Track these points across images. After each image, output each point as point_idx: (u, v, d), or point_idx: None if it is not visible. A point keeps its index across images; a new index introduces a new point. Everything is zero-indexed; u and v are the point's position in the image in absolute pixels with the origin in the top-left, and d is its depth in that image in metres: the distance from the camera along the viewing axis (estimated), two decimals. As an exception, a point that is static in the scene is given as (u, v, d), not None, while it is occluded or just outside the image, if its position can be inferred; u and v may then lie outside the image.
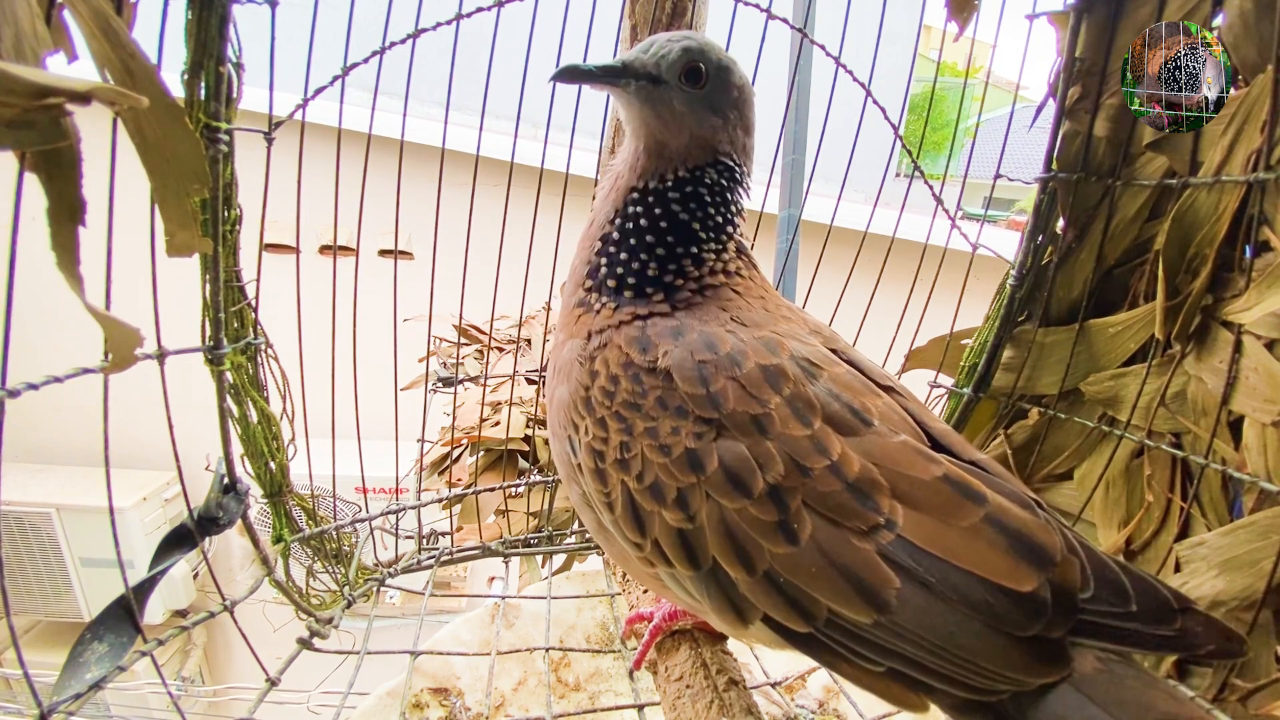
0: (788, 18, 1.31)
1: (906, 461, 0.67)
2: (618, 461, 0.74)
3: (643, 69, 0.78)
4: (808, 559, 0.64)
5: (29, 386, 0.67)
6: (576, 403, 0.78)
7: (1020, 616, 0.59)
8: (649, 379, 0.74)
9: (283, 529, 1.29)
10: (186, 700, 3.68)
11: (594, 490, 0.77)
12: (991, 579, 0.60)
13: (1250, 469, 0.90)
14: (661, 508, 0.71)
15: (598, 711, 1.27)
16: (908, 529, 0.63)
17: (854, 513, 0.64)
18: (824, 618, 0.64)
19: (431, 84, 1.22)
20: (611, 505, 0.76)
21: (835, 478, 0.65)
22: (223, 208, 0.96)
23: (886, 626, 0.61)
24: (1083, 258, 1.13)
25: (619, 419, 0.74)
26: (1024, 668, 0.59)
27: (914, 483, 0.65)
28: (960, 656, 0.59)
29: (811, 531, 0.65)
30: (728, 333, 0.76)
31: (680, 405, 0.71)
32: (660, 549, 0.72)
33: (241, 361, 1.09)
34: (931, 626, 0.60)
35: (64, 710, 0.81)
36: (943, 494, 0.65)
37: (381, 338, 1.37)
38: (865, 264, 1.41)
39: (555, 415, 0.82)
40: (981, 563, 0.61)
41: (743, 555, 0.67)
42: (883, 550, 0.63)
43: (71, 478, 3.55)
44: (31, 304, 1.52)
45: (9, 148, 0.54)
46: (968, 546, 0.62)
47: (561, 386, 0.81)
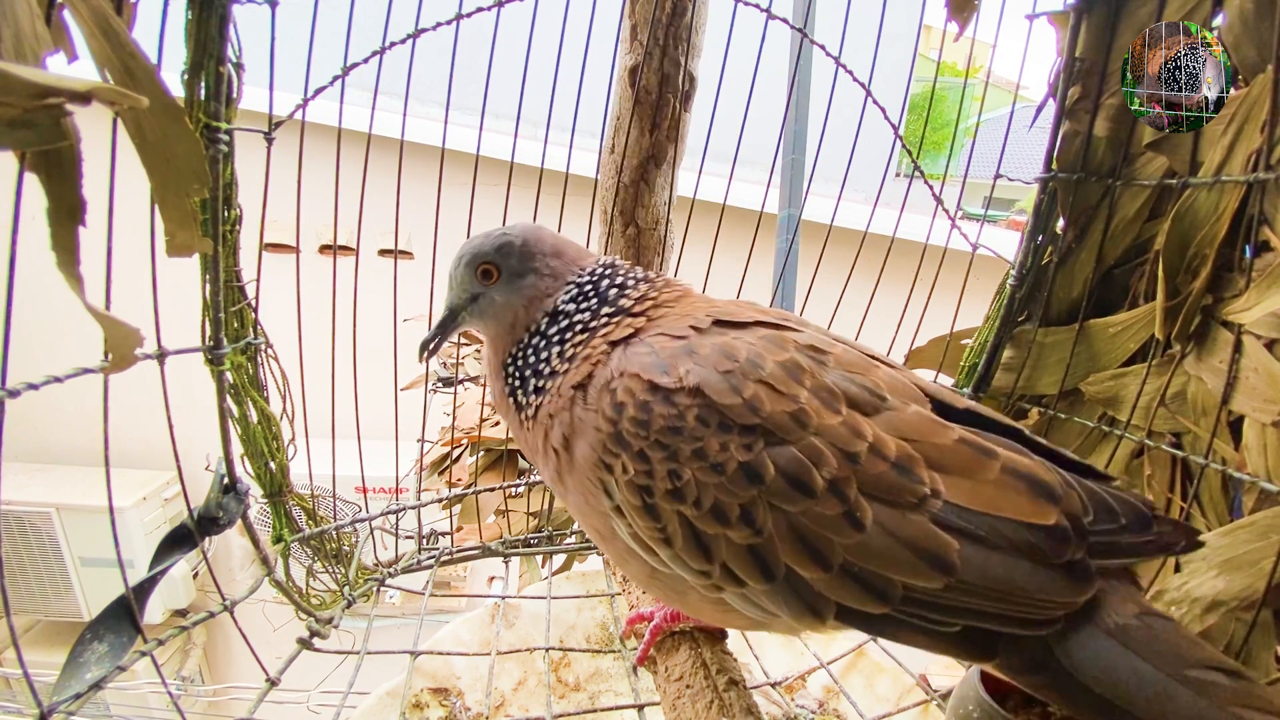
0: (788, 18, 1.31)
1: (927, 430, 0.71)
2: (670, 492, 0.71)
3: (459, 298, 0.89)
4: (876, 542, 0.66)
5: (29, 386, 0.67)
6: (605, 442, 0.74)
7: (1055, 546, 0.66)
8: (682, 398, 0.71)
9: (283, 529, 1.29)
10: (186, 700, 3.67)
11: (644, 528, 0.74)
12: (1025, 520, 0.67)
13: (1250, 469, 0.90)
14: (726, 529, 0.69)
15: (598, 711, 1.27)
16: (950, 493, 0.68)
17: (904, 489, 0.67)
18: (899, 595, 0.66)
19: (431, 84, 1.22)
20: (670, 540, 0.73)
21: (880, 459, 0.68)
22: (223, 208, 0.96)
23: (955, 587, 0.65)
24: (1083, 258, 1.13)
25: (660, 447, 0.71)
26: (1068, 590, 0.65)
27: (939, 449, 0.69)
28: (1019, 596, 0.65)
29: (874, 515, 0.67)
30: (733, 338, 0.75)
31: (722, 420, 0.69)
32: (729, 571, 0.71)
33: (241, 361, 1.09)
34: (992, 575, 0.65)
35: (64, 710, 0.81)
36: (964, 455, 0.69)
37: (381, 338, 1.37)
38: (865, 264, 1.41)
39: (581, 474, 0.78)
40: (1014, 508, 0.67)
41: (816, 555, 0.67)
42: (936, 518, 0.67)
43: (71, 477, 3.55)
44: (31, 304, 1.52)
45: (9, 148, 0.54)
46: (999, 497, 0.68)
47: (579, 443, 0.77)
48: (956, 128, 3.65)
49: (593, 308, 0.83)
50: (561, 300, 0.85)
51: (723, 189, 1.39)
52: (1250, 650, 0.86)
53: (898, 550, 0.66)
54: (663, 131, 1.39)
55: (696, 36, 1.36)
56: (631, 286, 0.85)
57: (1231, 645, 0.87)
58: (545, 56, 1.23)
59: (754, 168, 1.96)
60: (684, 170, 1.49)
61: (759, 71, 1.29)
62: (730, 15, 1.24)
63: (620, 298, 0.84)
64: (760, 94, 1.32)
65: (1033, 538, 0.66)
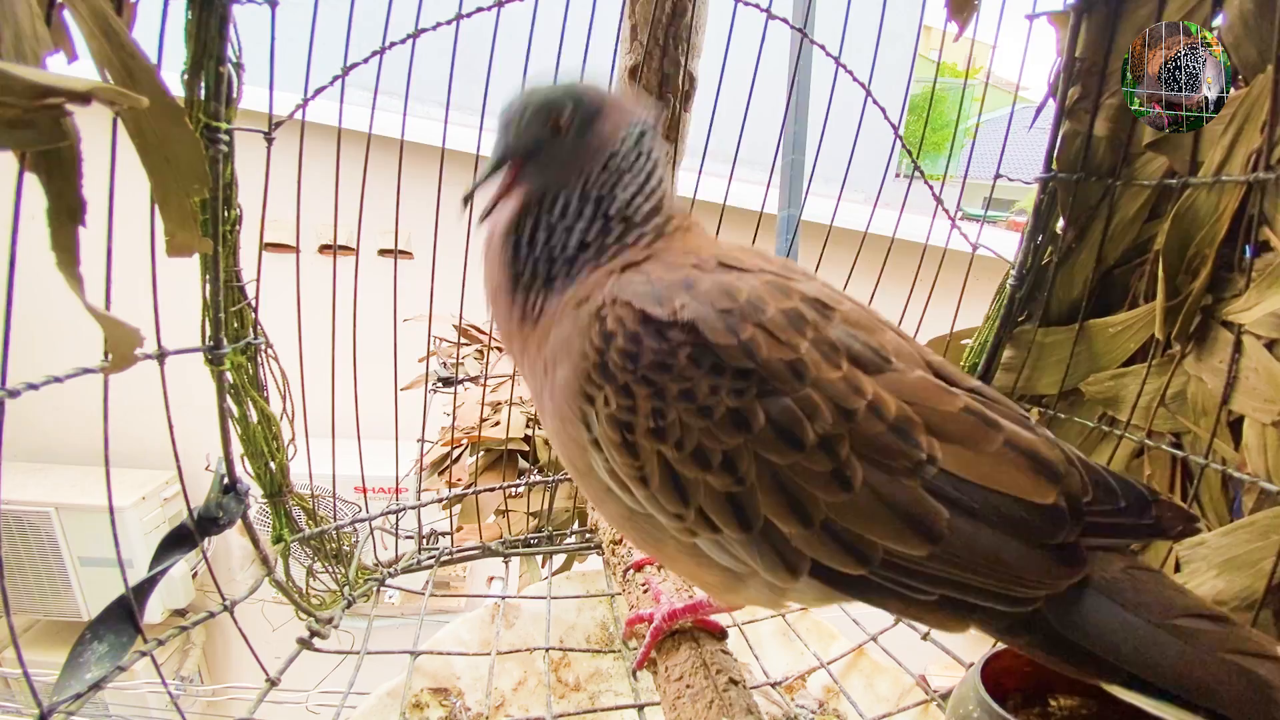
0: (788, 18, 1.31)
1: (931, 396, 0.68)
2: (651, 431, 0.67)
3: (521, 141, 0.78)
4: (863, 503, 0.65)
5: (29, 386, 0.67)
6: (589, 372, 0.70)
7: (1048, 527, 0.65)
8: (675, 334, 0.67)
9: (282, 529, 1.29)
10: (186, 700, 3.67)
11: (622, 465, 0.71)
12: (1021, 497, 0.65)
13: (1250, 469, 0.90)
14: (706, 474, 0.67)
15: (598, 711, 1.27)
16: (946, 461, 0.66)
17: (898, 452, 0.65)
18: (879, 559, 0.65)
19: (431, 84, 1.22)
20: (646, 479, 0.69)
21: (877, 419, 0.65)
22: (223, 208, 0.96)
23: (939, 556, 0.64)
24: (1083, 258, 1.13)
25: (646, 383, 0.67)
26: (1054, 573, 0.64)
27: (942, 416, 0.67)
28: (1004, 573, 0.64)
29: (863, 476, 0.65)
30: (735, 278, 0.71)
31: (715, 361, 0.66)
32: (705, 516, 0.69)
33: (241, 361, 1.09)
34: (979, 549, 0.64)
35: (64, 710, 0.81)
36: (967, 424, 0.67)
37: (381, 338, 1.37)
38: (865, 264, 1.41)
39: (561, 399, 0.74)
40: (1012, 484, 0.66)
41: (798, 509, 0.65)
42: (928, 485, 0.65)
43: (71, 477, 3.55)
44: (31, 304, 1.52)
45: (9, 148, 0.54)
46: (998, 471, 0.66)
47: (562, 366, 0.73)
48: (956, 128, 3.65)
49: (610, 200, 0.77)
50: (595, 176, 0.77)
51: (723, 189, 1.39)
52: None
53: (884, 514, 0.64)
54: (663, 131, 1.39)
55: (696, 36, 1.36)
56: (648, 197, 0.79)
57: (1231, 645, 0.87)
58: (545, 56, 1.23)
59: (754, 168, 1.96)
60: (684, 170, 1.49)
61: (759, 71, 1.29)
62: (730, 15, 1.24)
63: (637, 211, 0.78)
64: (760, 94, 1.32)
65: (1027, 516, 0.65)
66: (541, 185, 0.78)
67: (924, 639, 1.24)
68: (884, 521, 0.64)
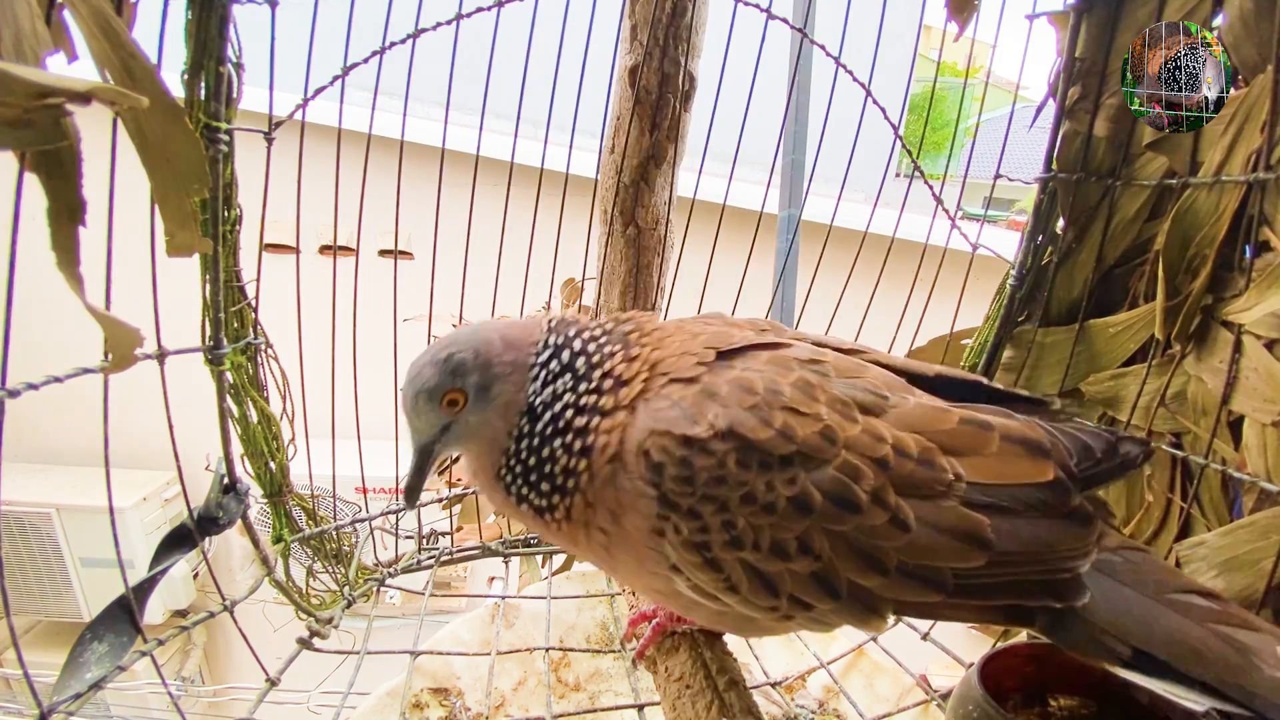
0: (788, 18, 1.31)
1: (932, 419, 0.74)
2: (727, 543, 0.71)
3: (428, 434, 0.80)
4: (922, 538, 0.69)
5: (29, 386, 0.67)
6: (654, 509, 0.72)
7: (1060, 498, 0.71)
8: (718, 445, 0.70)
9: (283, 529, 1.29)
10: (186, 700, 3.67)
11: (707, 581, 0.74)
12: (1032, 481, 0.71)
13: (1250, 469, 0.90)
14: (788, 563, 0.71)
15: (598, 711, 1.27)
16: (967, 474, 0.71)
17: (932, 481, 0.70)
18: (952, 582, 0.69)
19: (431, 84, 1.22)
20: (735, 587, 0.73)
21: (905, 458, 0.70)
22: (223, 208, 0.96)
23: (994, 561, 0.69)
24: (1083, 258, 1.13)
25: (709, 500, 0.70)
26: (1080, 536, 0.71)
27: (948, 434, 0.73)
28: (1047, 553, 0.70)
29: (914, 513, 0.69)
30: (741, 370, 0.75)
31: (762, 458, 0.69)
32: (797, 600, 0.72)
33: (241, 361, 1.09)
34: (1023, 539, 0.70)
35: (64, 710, 0.81)
36: (968, 434, 0.73)
37: (381, 338, 1.37)
38: (865, 264, 1.41)
39: (637, 546, 0.76)
40: (1020, 473, 0.72)
41: (874, 564, 0.69)
42: (964, 500, 0.70)
43: (71, 478, 3.54)
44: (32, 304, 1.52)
45: (9, 148, 0.54)
46: (1005, 466, 0.72)
47: (626, 519, 0.75)
48: (956, 128, 3.64)
49: (570, 385, 0.77)
50: (531, 394, 0.78)
51: (723, 189, 1.39)
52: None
53: (942, 540, 0.69)
54: (663, 131, 1.39)
55: (696, 36, 1.36)
56: (594, 339, 0.80)
57: (1231, 645, 0.87)
58: (545, 56, 1.23)
59: (754, 168, 1.96)
60: (684, 170, 1.49)
61: (759, 71, 1.29)
62: (730, 15, 1.24)
63: (597, 356, 0.79)
64: (760, 94, 1.32)
65: (1041, 495, 0.71)
66: (483, 441, 0.80)
67: (924, 639, 1.24)
68: (944, 546, 0.69)
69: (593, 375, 0.77)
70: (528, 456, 0.78)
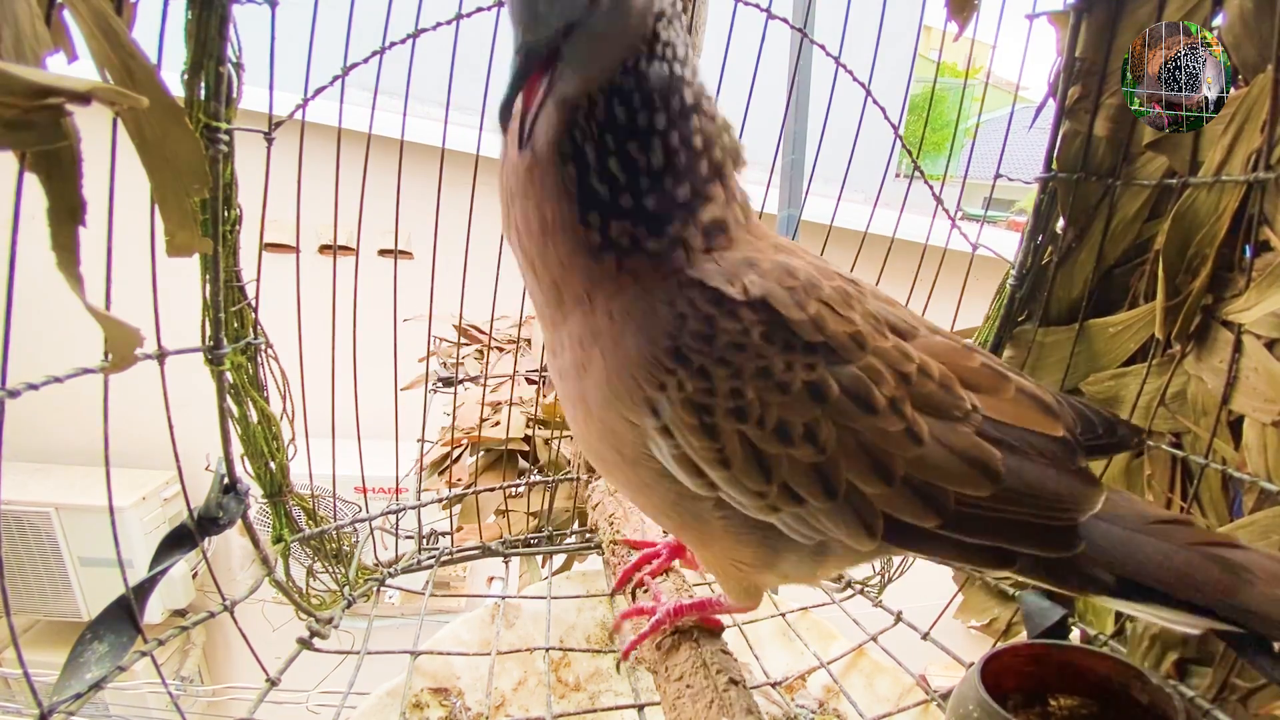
0: (788, 18, 1.31)
1: (957, 354, 0.76)
2: (731, 411, 0.67)
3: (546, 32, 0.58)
4: (934, 454, 0.69)
5: (29, 386, 0.67)
6: (660, 357, 0.67)
7: (1069, 454, 0.74)
8: (747, 313, 0.66)
9: (283, 529, 1.29)
10: (186, 700, 3.67)
11: (699, 449, 0.69)
12: (1045, 432, 0.74)
13: (1250, 469, 0.90)
14: (789, 448, 0.68)
15: (598, 711, 1.27)
16: (986, 409, 0.73)
17: (951, 405, 0.71)
18: (953, 508, 0.69)
19: (432, 84, 1.22)
20: (728, 460, 0.69)
21: (927, 378, 0.71)
22: (223, 208, 0.96)
23: (999, 495, 0.70)
24: (1083, 257, 1.13)
25: (723, 364, 0.66)
26: (1086, 494, 0.72)
27: (969, 370, 0.75)
28: (1051, 500, 0.71)
29: (930, 430, 0.70)
30: (786, 259, 0.72)
31: (788, 337, 0.67)
32: (789, 490, 0.70)
33: (241, 361, 1.09)
34: (1029, 481, 0.71)
35: (64, 710, 0.81)
36: (987, 376, 0.75)
37: (381, 338, 1.37)
38: (865, 264, 1.41)
39: (618, 383, 0.69)
40: (1035, 422, 0.74)
41: (881, 470, 0.69)
42: (979, 430, 0.71)
43: (71, 477, 3.55)
44: (32, 304, 1.52)
45: (9, 148, 0.54)
46: (1021, 413, 0.74)
47: (623, 345, 0.67)
48: (956, 128, 3.65)
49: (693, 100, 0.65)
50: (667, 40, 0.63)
51: (723, 189, 1.38)
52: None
53: (953, 461, 0.69)
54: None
55: (696, 36, 1.36)
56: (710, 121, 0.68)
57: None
58: (545, 56, 1.23)
59: (753, 167, 1.95)
60: (684, 170, 1.49)
61: (759, 71, 1.29)
62: (730, 15, 1.24)
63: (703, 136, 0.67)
64: (760, 94, 1.32)
65: (1054, 447, 0.73)
66: (583, 85, 0.62)
67: (924, 639, 1.24)
68: (954, 468, 0.69)
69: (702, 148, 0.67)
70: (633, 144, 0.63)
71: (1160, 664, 0.96)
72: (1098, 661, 0.84)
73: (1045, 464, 0.72)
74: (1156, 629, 0.98)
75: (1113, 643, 1.04)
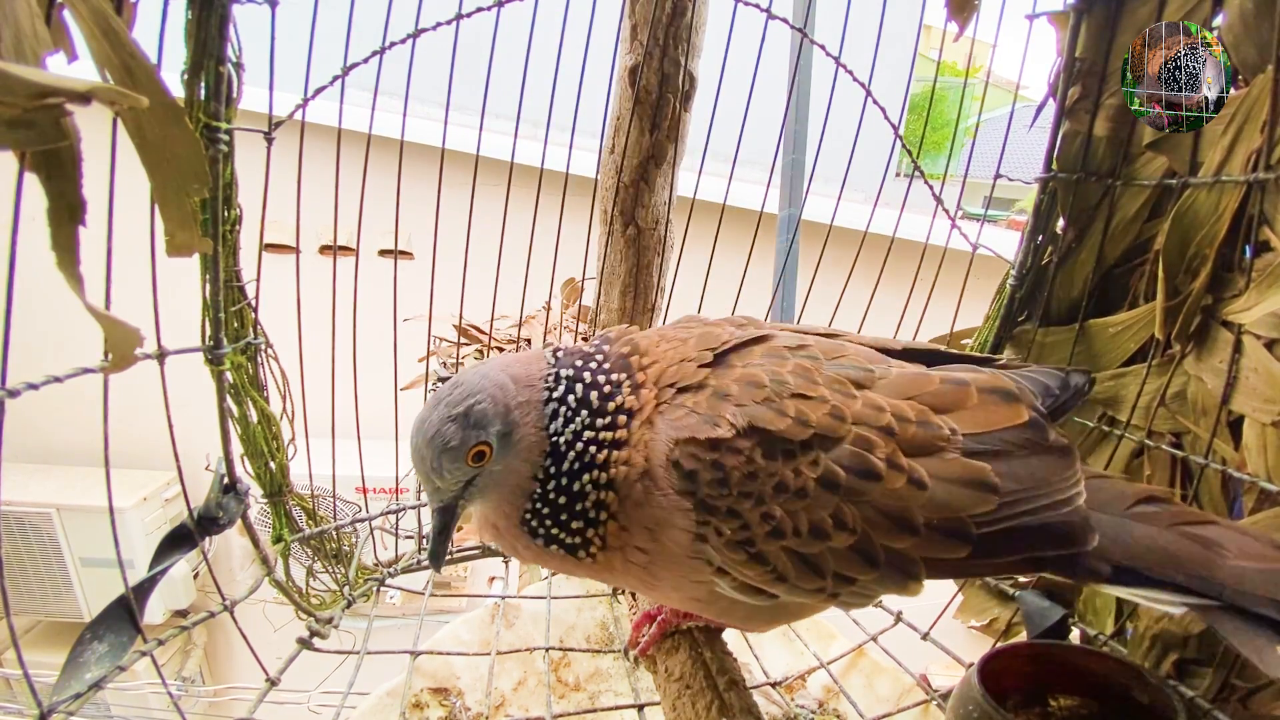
0: (788, 18, 1.31)
1: (917, 383, 0.78)
2: (769, 534, 0.72)
3: (451, 492, 0.76)
4: (940, 492, 0.72)
5: (29, 386, 0.67)
6: (693, 517, 0.73)
7: (1041, 435, 0.77)
8: (743, 443, 0.72)
9: (283, 529, 1.29)
10: (186, 700, 3.67)
11: (755, 577, 0.75)
12: (1013, 424, 0.76)
13: (1250, 469, 0.90)
14: (827, 542, 0.72)
15: (598, 711, 1.27)
16: (960, 426, 0.75)
17: (934, 438, 0.74)
18: (975, 532, 0.72)
19: (431, 84, 1.22)
20: (783, 576, 0.74)
21: (905, 422, 0.74)
22: (223, 208, 0.96)
23: (1003, 503, 0.72)
24: (1083, 257, 1.13)
25: (745, 496, 0.72)
26: (1067, 466, 0.75)
27: (933, 395, 0.77)
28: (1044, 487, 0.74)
29: (926, 470, 0.72)
30: (742, 368, 0.77)
31: (785, 447, 0.72)
32: (841, 576, 0.74)
33: (241, 361, 1.09)
34: (1020, 477, 0.74)
35: (64, 710, 0.81)
36: (949, 392, 0.77)
37: (381, 338, 1.37)
38: (865, 264, 1.41)
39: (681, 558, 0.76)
40: (1003, 418, 0.76)
41: (904, 525, 0.71)
42: (965, 451, 0.74)
43: (71, 478, 3.55)
44: (32, 304, 1.53)
45: (9, 148, 0.54)
46: (988, 414, 0.77)
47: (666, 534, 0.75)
48: (956, 128, 3.64)
49: (588, 421, 0.75)
50: (553, 432, 0.75)
51: (723, 189, 1.38)
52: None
53: (957, 491, 0.72)
54: (663, 131, 1.39)
55: (696, 36, 1.36)
56: (602, 370, 0.79)
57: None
58: (545, 57, 1.23)
59: (754, 168, 1.96)
60: (684, 170, 1.49)
61: (759, 71, 1.29)
62: (730, 15, 1.24)
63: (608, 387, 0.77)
64: (760, 94, 1.32)
65: (1025, 435, 0.76)
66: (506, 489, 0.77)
67: (924, 639, 1.24)
68: (959, 496, 0.72)
69: (607, 409, 0.76)
70: (556, 496, 0.76)
71: (1160, 664, 0.96)
72: (1097, 662, 0.84)
73: (1026, 455, 0.75)
74: (1157, 629, 0.98)
75: (1112, 643, 1.04)
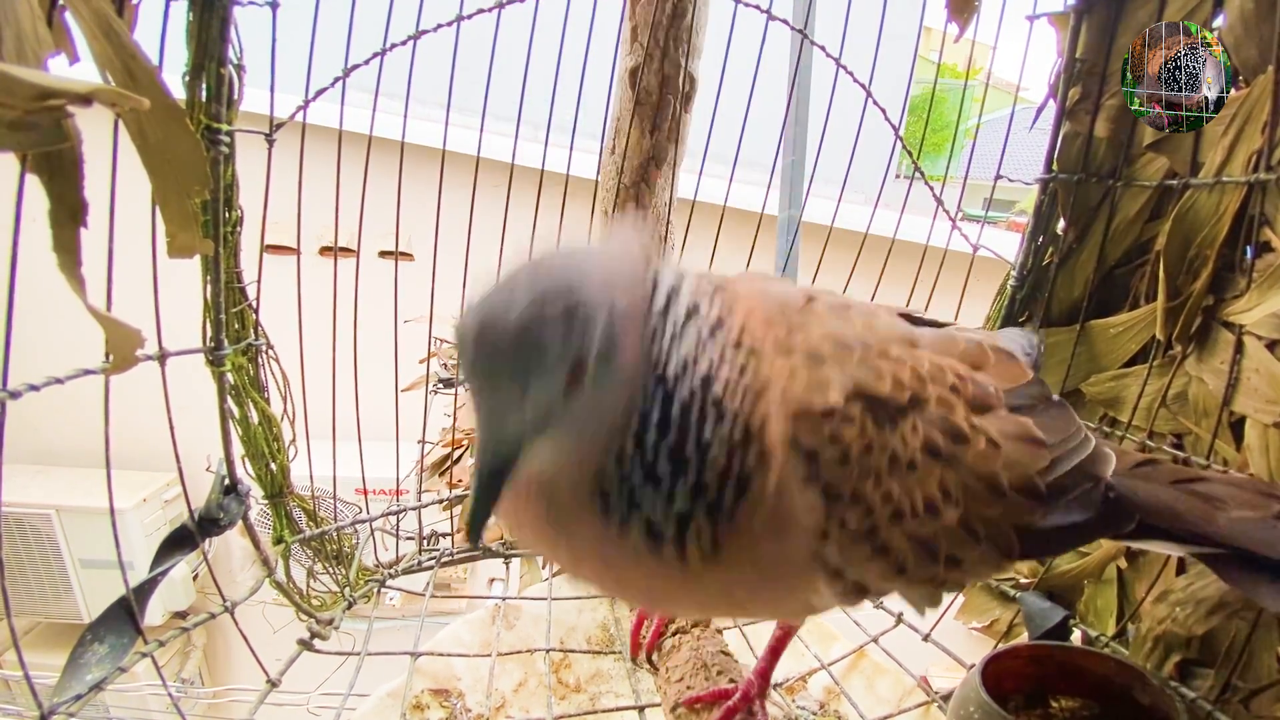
0: (788, 18, 1.31)
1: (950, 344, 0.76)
2: (892, 518, 0.62)
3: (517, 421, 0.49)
4: (1009, 451, 0.69)
5: (30, 387, 0.67)
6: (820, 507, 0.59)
7: (1045, 389, 0.79)
8: (853, 409, 0.60)
9: (283, 530, 1.29)
10: (187, 702, 3.67)
11: (879, 573, 0.64)
12: (1027, 380, 0.77)
13: (1252, 470, 0.90)
14: (940, 519, 0.63)
15: (598, 713, 1.27)
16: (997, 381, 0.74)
17: (988, 396, 0.71)
18: (1047, 491, 0.69)
19: (432, 86, 1.22)
20: (903, 567, 0.64)
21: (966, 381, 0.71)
22: (224, 209, 0.96)
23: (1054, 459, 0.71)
24: (1083, 258, 1.13)
25: (866, 475, 0.60)
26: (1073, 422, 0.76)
27: (965, 354, 0.75)
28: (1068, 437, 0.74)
29: (995, 429, 0.69)
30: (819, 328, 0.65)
31: (890, 413, 0.62)
32: (951, 559, 0.66)
33: (242, 363, 1.09)
34: (1052, 429, 0.72)
35: (64, 711, 0.81)
36: (975, 351, 0.76)
37: (382, 339, 1.37)
38: (866, 265, 1.41)
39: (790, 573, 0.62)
40: (1018, 375, 0.77)
41: (994, 490, 0.66)
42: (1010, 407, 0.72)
43: (72, 479, 3.54)
44: (33, 305, 1.53)
45: (11, 149, 0.55)
46: (1007, 371, 0.76)
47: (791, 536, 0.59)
48: (957, 129, 3.64)
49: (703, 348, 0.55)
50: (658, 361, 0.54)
51: (723, 191, 1.39)
52: (1252, 650, 0.86)
53: (1021, 448, 0.69)
54: (663, 133, 1.39)
55: (697, 38, 1.36)
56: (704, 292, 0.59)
57: (1234, 645, 0.87)
58: (546, 58, 1.23)
59: (754, 169, 1.96)
60: (684, 172, 1.49)
61: (759, 73, 1.29)
62: (730, 17, 1.24)
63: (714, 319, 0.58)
64: (760, 95, 1.32)
65: (1037, 390, 0.77)
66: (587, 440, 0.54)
67: (925, 640, 1.24)
68: (1022, 454, 0.69)
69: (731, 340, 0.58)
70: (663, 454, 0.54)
71: (1162, 665, 0.96)
72: (1099, 663, 0.84)
73: (1045, 407, 0.75)
74: (1159, 630, 0.98)
75: (1114, 644, 1.04)
